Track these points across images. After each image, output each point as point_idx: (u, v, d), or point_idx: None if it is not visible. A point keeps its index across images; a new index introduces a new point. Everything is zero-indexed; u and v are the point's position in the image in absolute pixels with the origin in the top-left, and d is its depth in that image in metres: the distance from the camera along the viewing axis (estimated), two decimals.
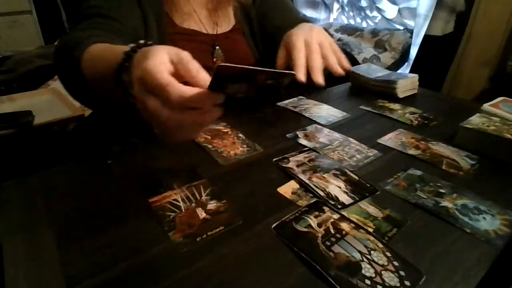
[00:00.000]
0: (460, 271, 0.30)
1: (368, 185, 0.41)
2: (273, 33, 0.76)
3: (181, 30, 0.70)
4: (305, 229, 0.34)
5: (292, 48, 0.55)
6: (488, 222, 0.36)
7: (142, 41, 0.39)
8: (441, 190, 0.41)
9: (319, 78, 0.52)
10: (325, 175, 0.43)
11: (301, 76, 0.51)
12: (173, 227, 0.34)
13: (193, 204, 0.37)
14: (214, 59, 0.74)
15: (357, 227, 0.35)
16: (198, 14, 0.74)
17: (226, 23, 0.77)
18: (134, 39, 0.60)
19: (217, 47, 0.74)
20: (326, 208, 0.37)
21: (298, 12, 0.84)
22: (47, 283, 0.29)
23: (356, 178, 0.43)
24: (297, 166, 0.45)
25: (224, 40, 0.75)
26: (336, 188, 0.41)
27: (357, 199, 0.39)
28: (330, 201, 0.38)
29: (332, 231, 0.34)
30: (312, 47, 0.55)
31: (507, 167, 0.47)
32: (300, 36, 0.57)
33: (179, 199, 0.38)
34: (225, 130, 0.55)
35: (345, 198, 0.39)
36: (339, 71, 0.56)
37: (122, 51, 0.38)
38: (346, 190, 0.40)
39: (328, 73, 0.57)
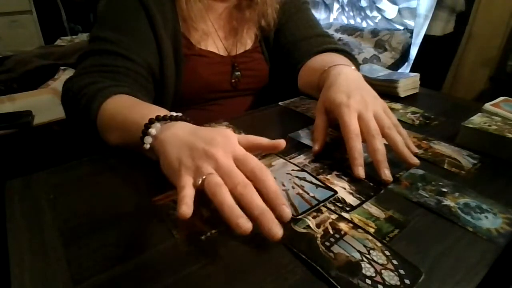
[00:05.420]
0: (462, 269, 0.30)
1: (372, 184, 0.42)
2: (286, 46, 0.75)
3: (198, 51, 0.67)
4: (304, 230, 0.34)
5: (344, 128, 0.44)
6: (490, 221, 0.36)
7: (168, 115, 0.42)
8: (443, 189, 0.41)
9: (387, 174, 0.41)
10: (328, 177, 0.43)
11: (361, 172, 0.41)
12: (177, 226, 0.34)
13: (197, 203, 0.37)
14: (233, 81, 0.73)
15: (355, 226, 0.35)
16: (217, 34, 0.71)
17: (244, 44, 0.75)
18: (147, 73, 0.61)
19: (236, 68, 0.72)
20: (324, 209, 0.37)
21: (318, 27, 0.78)
22: (54, 281, 0.29)
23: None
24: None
25: (243, 60, 0.73)
26: (341, 189, 0.40)
27: (363, 199, 0.39)
28: (338, 204, 0.38)
29: (331, 232, 0.34)
30: (371, 128, 0.43)
31: (509, 166, 0.47)
32: (352, 109, 0.44)
33: None
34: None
35: (351, 200, 0.39)
36: (414, 161, 0.42)
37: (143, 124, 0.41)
38: (351, 191, 0.40)
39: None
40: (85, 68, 0.56)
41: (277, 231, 0.30)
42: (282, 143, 0.39)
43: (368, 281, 0.29)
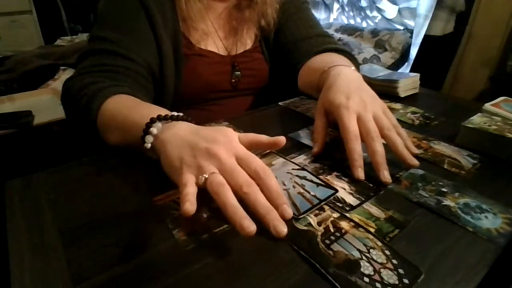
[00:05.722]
0: (462, 269, 0.30)
1: (371, 185, 0.42)
2: (286, 46, 0.75)
3: (198, 51, 0.67)
4: (305, 228, 0.34)
5: (343, 129, 0.44)
6: (490, 221, 0.36)
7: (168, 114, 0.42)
8: (443, 189, 0.41)
9: (386, 175, 0.41)
10: (328, 177, 0.43)
11: (361, 174, 0.41)
12: (177, 225, 0.34)
13: (198, 202, 0.37)
14: (233, 81, 0.72)
15: (357, 225, 0.35)
16: (217, 34, 0.71)
17: (245, 43, 0.75)
18: (146, 73, 0.61)
19: (236, 68, 0.72)
20: (326, 207, 0.37)
21: (318, 27, 0.78)
22: (54, 281, 0.29)
23: None
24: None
25: (243, 59, 0.73)
26: (341, 189, 0.40)
27: (363, 199, 0.39)
28: (338, 204, 0.38)
29: (332, 230, 0.34)
30: (371, 130, 0.43)
31: (509, 166, 0.47)
32: (351, 110, 0.44)
33: None
34: None
35: (351, 200, 0.39)
36: (414, 162, 0.43)
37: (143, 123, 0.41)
38: (351, 191, 0.40)
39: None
40: (85, 68, 0.56)
41: (282, 229, 0.31)
42: (282, 139, 0.39)
43: (366, 279, 0.29)
